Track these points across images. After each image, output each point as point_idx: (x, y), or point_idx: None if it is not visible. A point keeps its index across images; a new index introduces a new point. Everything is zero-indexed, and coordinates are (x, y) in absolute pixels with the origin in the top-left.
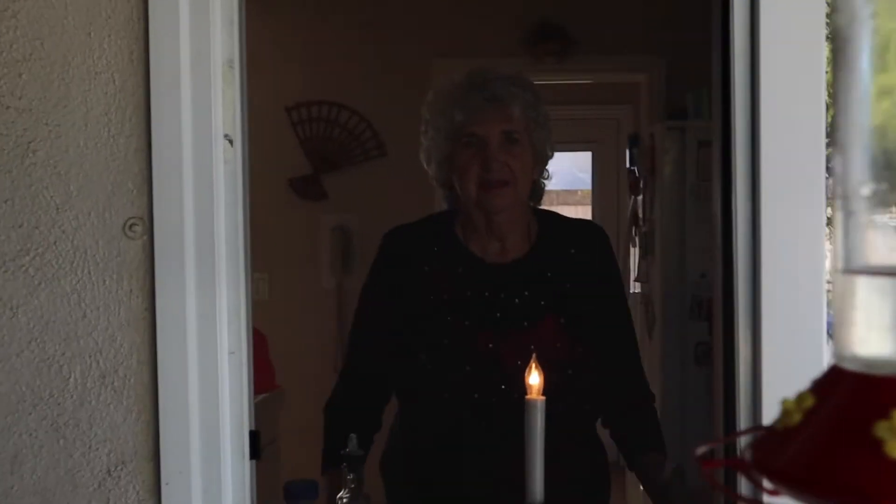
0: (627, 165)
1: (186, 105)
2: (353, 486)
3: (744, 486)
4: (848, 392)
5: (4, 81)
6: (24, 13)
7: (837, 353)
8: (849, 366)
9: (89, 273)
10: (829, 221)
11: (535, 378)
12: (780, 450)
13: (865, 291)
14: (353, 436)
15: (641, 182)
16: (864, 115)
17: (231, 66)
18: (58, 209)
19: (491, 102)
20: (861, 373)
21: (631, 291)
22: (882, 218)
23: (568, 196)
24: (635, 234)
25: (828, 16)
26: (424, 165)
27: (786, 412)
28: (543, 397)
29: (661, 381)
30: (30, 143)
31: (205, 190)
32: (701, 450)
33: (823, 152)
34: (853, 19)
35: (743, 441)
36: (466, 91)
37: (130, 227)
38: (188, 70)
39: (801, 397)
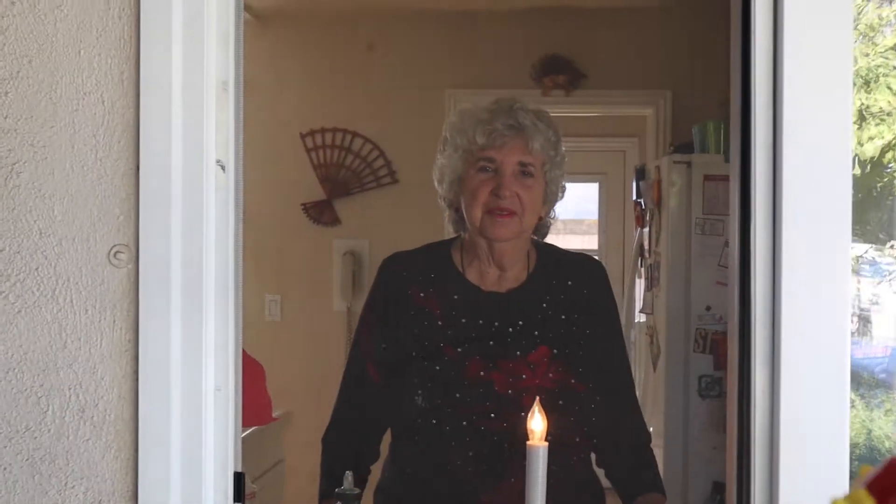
0: (634, 198)
1: (177, 128)
2: None
3: None
4: None
5: None
6: (12, 30)
7: None
8: None
9: (71, 301)
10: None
11: (537, 423)
12: None
13: None
14: (348, 473)
15: (647, 214)
16: None
17: (225, 87)
18: (41, 234)
19: (513, 131)
20: None
21: (636, 322)
22: None
23: (575, 226)
24: (641, 266)
25: (877, 42)
26: (435, 184)
27: None
28: (546, 443)
29: (664, 412)
30: (14, 164)
31: (194, 218)
32: None
33: (850, 186)
34: None
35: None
36: (492, 116)
37: (115, 254)
38: (179, 91)
39: (856, 498)
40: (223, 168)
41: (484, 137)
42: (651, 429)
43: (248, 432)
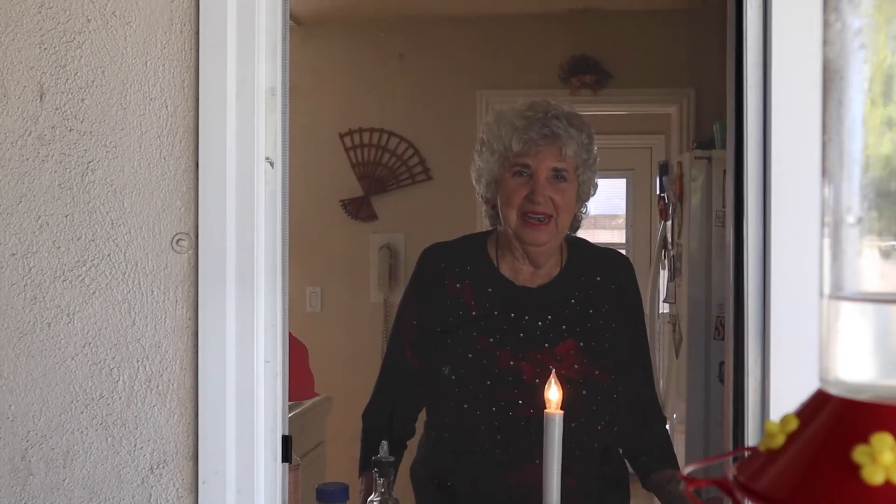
0: (657, 192)
1: (231, 129)
2: (382, 490)
3: None
4: (830, 416)
5: (69, 106)
6: (88, 44)
7: (822, 378)
8: (832, 390)
9: (139, 284)
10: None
11: (554, 393)
12: (762, 471)
13: (850, 317)
14: (384, 442)
15: (670, 208)
16: (854, 144)
17: (273, 93)
18: (112, 224)
19: (548, 139)
20: (844, 397)
21: (660, 312)
22: (868, 245)
23: (606, 221)
24: (664, 258)
25: None
26: (473, 182)
27: (770, 434)
28: (562, 411)
29: (686, 397)
30: (89, 162)
31: (246, 208)
32: (688, 469)
33: None
34: (843, 51)
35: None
36: (527, 124)
37: (177, 241)
38: (234, 97)
39: (785, 420)
40: (272, 164)
41: (519, 145)
42: (675, 414)
43: (291, 414)
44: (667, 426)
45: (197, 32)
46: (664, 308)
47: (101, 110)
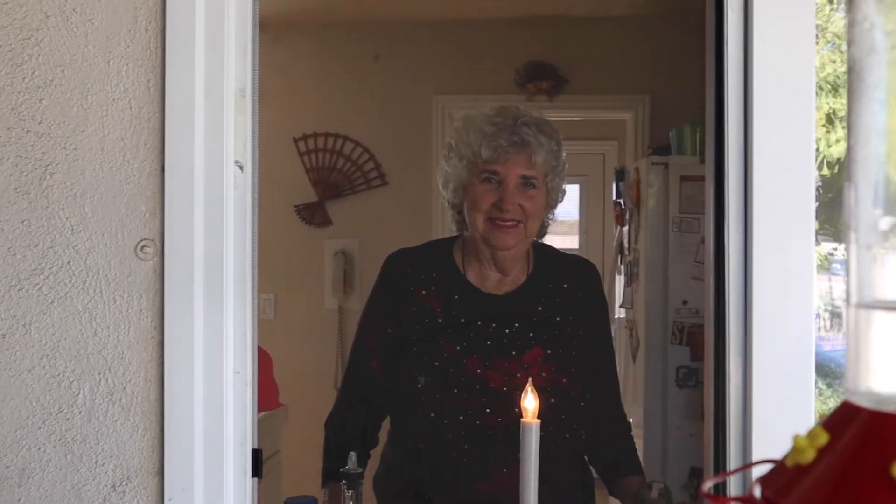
0: (614, 198)
1: (199, 131)
2: (351, 502)
3: None
4: (862, 429)
5: (26, 107)
6: (46, 41)
7: (850, 388)
8: (862, 401)
9: (101, 292)
10: (828, 254)
11: (530, 402)
12: (791, 487)
13: (881, 326)
14: (352, 454)
15: (627, 214)
16: (880, 147)
17: (243, 94)
18: (72, 230)
19: (517, 147)
20: (875, 409)
21: (616, 317)
22: None
23: (557, 226)
24: (621, 263)
25: (845, 50)
26: (440, 188)
27: (798, 449)
28: (538, 420)
29: (644, 402)
30: (48, 165)
31: (215, 214)
32: (707, 485)
33: (813, 187)
34: (869, 52)
35: (734, 478)
36: (496, 130)
37: (142, 248)
38: (202, 98)
39: (813, 434)
40: (241, 168)
41: (489, 152)
42: (631, 419)
43: None
44: (631, 432)
45: (163, 30)
46: (620, 313)
47: (61, 111)
